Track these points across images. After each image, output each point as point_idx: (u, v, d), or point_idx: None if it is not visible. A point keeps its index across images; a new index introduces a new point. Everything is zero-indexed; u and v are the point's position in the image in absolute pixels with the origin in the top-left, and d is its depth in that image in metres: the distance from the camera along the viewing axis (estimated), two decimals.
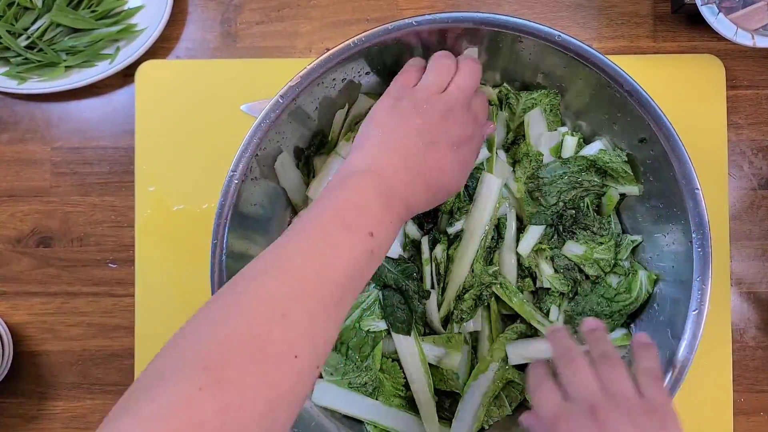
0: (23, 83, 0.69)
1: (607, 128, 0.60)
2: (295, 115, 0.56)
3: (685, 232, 0.55)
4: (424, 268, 0.60)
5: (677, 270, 0.56)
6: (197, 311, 0.41)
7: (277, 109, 0.54)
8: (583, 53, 0.54)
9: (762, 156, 0.70)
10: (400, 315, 0.58)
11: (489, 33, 0.55)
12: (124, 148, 0.71)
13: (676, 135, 0.54)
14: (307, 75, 0.54)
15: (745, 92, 0.70)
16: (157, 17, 0.69)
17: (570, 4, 0.71)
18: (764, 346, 0.69)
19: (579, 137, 0.61)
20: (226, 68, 0.70)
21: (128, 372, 0.69)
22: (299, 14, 0.71)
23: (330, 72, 0.55)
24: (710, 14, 0.63)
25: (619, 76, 0.54)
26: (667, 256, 0.58)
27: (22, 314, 0.70)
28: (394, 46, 0.55)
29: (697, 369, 0.66)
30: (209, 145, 0.68)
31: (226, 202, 0.54)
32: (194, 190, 0.68)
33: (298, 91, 0.54)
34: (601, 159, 0.59)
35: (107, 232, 0.71)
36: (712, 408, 0.67)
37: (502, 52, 0.58)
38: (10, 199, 0.71)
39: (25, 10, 0.69)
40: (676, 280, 0.56)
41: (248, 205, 0.56)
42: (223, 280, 0.54)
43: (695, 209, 0.54)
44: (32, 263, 0.71)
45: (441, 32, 0.55)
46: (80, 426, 0.70)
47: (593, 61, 0.54)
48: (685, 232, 0.55)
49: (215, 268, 0.54)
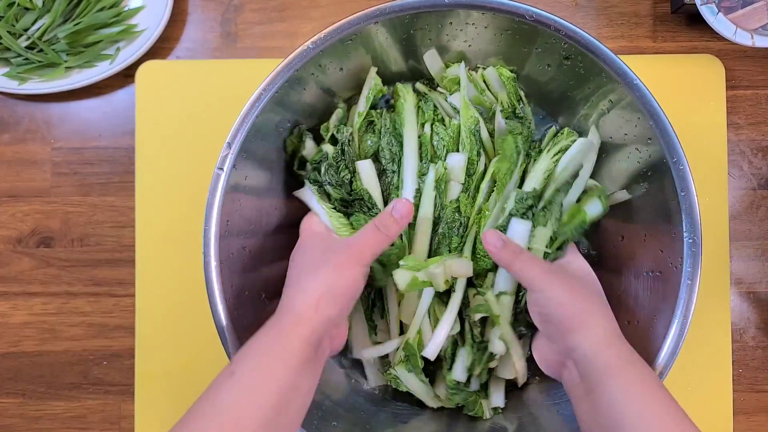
0: (24, 84, 0.69)
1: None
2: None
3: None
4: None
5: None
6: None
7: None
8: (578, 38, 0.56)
9: (761, 156, 0.70)
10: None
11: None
12: (125, 148, 0.71)
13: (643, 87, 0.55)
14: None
15: (744, 92, 0.70)
16: (158, 18, 0.69)
17: (570, 4, 0.71)
18: (764, 346, 0.69)
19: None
20: (226, 68, 0.70)
21: (129, 372, 0.70)
22: (299, 14, 0.71)
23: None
24: (710, 14, 0.63)
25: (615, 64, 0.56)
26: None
27: (23, 314, 0.71)
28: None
29: (697, 369, 0.67)
30: (209, 146, 0.68)
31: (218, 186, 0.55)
32: (195, 190, 0.68)
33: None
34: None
35: (108, 233, 0.71)
36: (712, 408, 0.67)
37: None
38: (10, 199, 0.71)
39: (26, 10, 0.70)
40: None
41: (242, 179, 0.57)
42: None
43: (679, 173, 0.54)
44: (33, 263, 0.71)
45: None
46: (81, 426, 0.70)
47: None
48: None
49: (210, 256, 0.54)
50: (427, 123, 0.62)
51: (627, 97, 0.56)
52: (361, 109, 0.62)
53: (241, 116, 0.55)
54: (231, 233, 0.56)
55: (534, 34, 0.57)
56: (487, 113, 0.64)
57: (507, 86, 0.63)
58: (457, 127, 0.62)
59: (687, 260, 0.53)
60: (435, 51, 0.63)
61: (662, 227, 0.56)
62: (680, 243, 0.54)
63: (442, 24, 0.59)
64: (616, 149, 0.60)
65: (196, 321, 0.67)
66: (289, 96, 0.57)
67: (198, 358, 0.68)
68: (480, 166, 0.61)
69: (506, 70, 0.63)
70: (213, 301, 0.54)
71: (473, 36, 0.60)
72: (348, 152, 0.61)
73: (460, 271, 0.57)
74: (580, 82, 0.59)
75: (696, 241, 0.53)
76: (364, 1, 0.71)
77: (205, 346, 0.67)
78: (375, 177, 0.60)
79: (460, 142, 0.61)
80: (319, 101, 0.62)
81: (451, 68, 0.64)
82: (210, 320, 0.54)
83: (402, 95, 0.63)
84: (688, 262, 0.53)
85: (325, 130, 0.63)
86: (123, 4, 0.71)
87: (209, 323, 0.54)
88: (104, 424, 0.70)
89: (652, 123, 0.54)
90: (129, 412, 0.70)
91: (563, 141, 0.61)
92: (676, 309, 0.53)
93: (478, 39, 0.61)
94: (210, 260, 0.54)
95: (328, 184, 0.60)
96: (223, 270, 0.54)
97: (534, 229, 0.57)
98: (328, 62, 0.58)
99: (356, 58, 0.60)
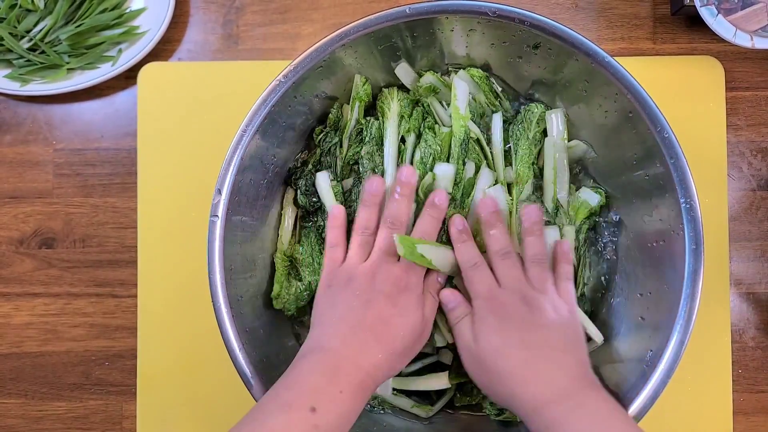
0: (26, 85, 0.69)
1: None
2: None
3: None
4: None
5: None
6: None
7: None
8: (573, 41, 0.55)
9: (761, 157, 0.70)
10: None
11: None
12: (127, 150, 0.71)
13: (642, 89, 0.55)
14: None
15: (744, 94, 0.70)
16: (159, 19, 0.69)
17: (569, 6, 0.71)
18: (764, 346, 0.69)
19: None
20: (227, 70, 0.70)
21: (131, 372, 0.70)
22: (301, 16, 0.72)
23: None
24: (709, 16, 0.63)
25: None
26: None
27: (25, 315, 0.71)
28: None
29: (697, 369, 0.67)
30: (211, 147, 0.69)
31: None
32: (197, 191, 0.68)
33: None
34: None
35: (110, 233, 0.71)
36: (712, 408, 0.67)
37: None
38: (12, 200, 0.71)
39: (28, 12, 0.70)
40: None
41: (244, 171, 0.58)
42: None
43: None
44: (35, 264, 0.71)
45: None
46: (83, 426, 0.70)
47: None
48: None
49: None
50: (412, 133, 0.61)
51: (625, 95, 0.56)
52: (348, 118, 0.62)
53: (228, 156, 0.56)
54: (236, 271, 0.57)
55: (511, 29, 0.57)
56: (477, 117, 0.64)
57: (481, 86, 0.62)
58: (447, 135, 0.61)
59: (688, 260, 0.54)
60: (406, 63, 0.62)
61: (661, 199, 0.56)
62: (681, 243, 0.54)
63: (429, 31, 0.59)
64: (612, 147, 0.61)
65: (198, 321, 0.67)
66: (275, 126, 0.58)
67: (200, 358, 0.68)
68: (468, 173, 0.61)
69: (476, 70, 0.62)
70: (231, 347, 0.54)
71: (444, 41, 0.60)
72: (325, 161, 0.62)
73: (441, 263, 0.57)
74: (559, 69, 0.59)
75: (698, 248, 0.53)
76: (364, 3, 0.71)
77: (207, 346, 0.67)
78: (329, 189, 0.61)
79: (450, 152, 0.61)
80: (319, 106, 0.62)
81: (424, 77, 0.63)
82: (211, 320, 0.54)
83: (386, 103, 0.62)
84: (690, 262, 0.54)
85: (317, 133, 0.63)
86: (125, 6, 0.71)
87: (211, 324, 0.54)
88: (106, 424, 0.70)
89: (646, 116, 0.55)
90: (131, 412, 0.70)
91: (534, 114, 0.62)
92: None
93: (447, 43, 0.61)
94: (219, 305, 0.54)
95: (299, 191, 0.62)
96: (234, 315, 0.55)
97: (561, 229, 0.60)
98: (307, 89, 0.58)
99: (339, 76, 0.60)
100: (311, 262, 0.61)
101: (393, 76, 0.63)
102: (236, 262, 0.56)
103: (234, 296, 0.55)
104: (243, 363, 0.54)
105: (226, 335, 0.54)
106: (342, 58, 0.57)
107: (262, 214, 0.61)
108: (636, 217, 0.60)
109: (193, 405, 0.68)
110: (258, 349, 0.56)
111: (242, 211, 0.57)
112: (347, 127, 0.62)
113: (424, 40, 0.59)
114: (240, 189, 0.56)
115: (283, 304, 0.61)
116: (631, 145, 0.57)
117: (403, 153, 0.61)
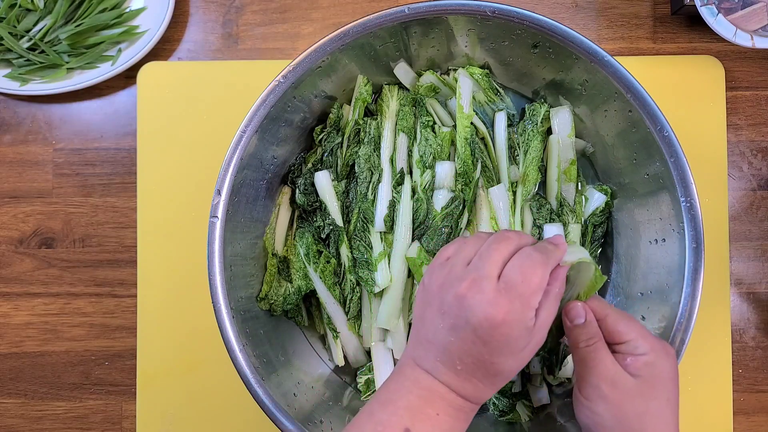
0: (25, 85, 0.69)
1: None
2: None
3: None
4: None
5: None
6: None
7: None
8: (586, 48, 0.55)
9: (761, 157, 0.70)
10: None
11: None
12: (126, 150, 0.71)
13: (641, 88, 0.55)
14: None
15: (744, 93, 0.70)
16: (159, 19, 0.69)
17: (569, 6, 0.71)
18: (764, 346, 0.69)
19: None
20: (227, 70, 0.70)
21: (130, 372, 0.70)
22: (300, 16, 0.72)
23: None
24: (710, 15, 0.63)
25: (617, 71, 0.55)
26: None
27: (25, 315, 0.71)
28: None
29: (697, 369, 0.67)
30: (211, 146, 0.69)
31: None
32: (196, 190, 0.68)
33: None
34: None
35: (109, 233, 0.71)
36: (712, 408, 0.67)
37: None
38: (12, 200, 0.71)
39: (27, 12, 0.70)
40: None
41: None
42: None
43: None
44: (34, 264, 0.71)
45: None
46: (82, 426, 0.70)
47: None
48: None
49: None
50: (401, 132, 0.61)
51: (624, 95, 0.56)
52: (350, 118, 0.62)
53: (226, 159, 0.55)
54: (236, 277, 0.57)
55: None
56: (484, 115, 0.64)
57: (481, 83, 0.62)
58: (447, 134, 0.61)
59: (689, 259, 0.53)
60: (405, 63, 0.62)
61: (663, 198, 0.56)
62: (682, 242, 0.54)
63: (419, 33, 0.59)
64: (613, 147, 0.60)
65: (198, 321, 0.67)
66: (274, 127, 0.58)
67: (200, 358, 0.68)
68: (476, 173, 0.61)
69: (476, 68, 0.62)
70: (233, 355, 0.54)
71: (440, 41, 0.60)
72: (327, 161, 0.62)
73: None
74: (559, 67, 0.59)
75: (699, 247, 0.53)
76: (364, 3, 0.71)
77: (206, 346, 0.67)
78: (330, 188, 0.61)
79: (456, 151, 0.61)
80: (318, 105, 0.62)
81: (424, 76, 0.63)
82: (211, 320, 0.54)
83: (386, 101, 0.62)
84: (690, 261, 0.53)
85: (318, 133, 0.63)
86: (124, 5, 0.71)
87: (211, 324, 0.54)
88: (106, 424, 0.70)
89: (643, 113, 0.55)
90: (130, 412, 0.70)
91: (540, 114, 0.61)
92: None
93: (447, 43, 0.60)
94: (219, 305, 0.54)
95: (299, 189, 0.62)
96: (234, 315, 0.55)
97: (566, 227, 0.59)
98: (307, 89, 0.58)
99: (339, 76, 0.60)
100: (302, 266, 0.61)
101: (392, 76, 0.63)
102: (236, 262, 0.56)
103: (234, 296, 0.55)
104: (243, 363, 0.54)
105: (226, 335, 0.54)
106: (341, 58, 0.57)
107: (262, 215, 0.61)
108: (636, 215, 0.60)
109: (193, 405, 0.68)
110: (258, 349, 0.56)
111: (242, 212, 0.57)
112: (348, 127, 0.62)
113: (424, 40, 0.59)
114: (240, 189, 0.56)
115: (269, 305, 0.61)
116: (631, 145, 0.57)
117: (393, 154, 0.61)
